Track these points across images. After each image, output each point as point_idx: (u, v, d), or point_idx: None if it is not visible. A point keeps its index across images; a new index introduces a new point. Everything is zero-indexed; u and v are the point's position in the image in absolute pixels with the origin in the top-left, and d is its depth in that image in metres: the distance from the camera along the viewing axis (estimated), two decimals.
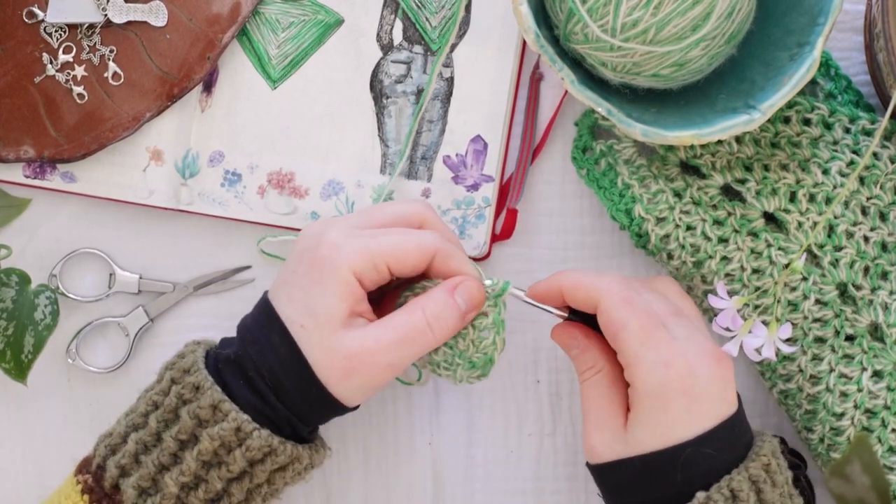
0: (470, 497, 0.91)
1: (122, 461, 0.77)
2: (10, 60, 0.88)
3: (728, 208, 0.86)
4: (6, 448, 0.92)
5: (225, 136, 0.89)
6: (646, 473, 0.77)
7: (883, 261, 0.85)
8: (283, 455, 0.77)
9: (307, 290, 0.77)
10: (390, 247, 0.78)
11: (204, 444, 0.76)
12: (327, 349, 0.77)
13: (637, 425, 0.77)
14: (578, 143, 0.89)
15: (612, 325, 0.77)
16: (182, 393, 0.77)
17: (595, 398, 0.79)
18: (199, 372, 0.77)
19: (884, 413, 0.85)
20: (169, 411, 0.77)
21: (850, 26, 0.90)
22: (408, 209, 0.81)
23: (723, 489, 0.75)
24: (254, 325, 0.79)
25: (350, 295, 0.77)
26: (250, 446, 0.76)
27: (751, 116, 0.80)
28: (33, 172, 0.89)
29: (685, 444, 0.75)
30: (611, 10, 0.79)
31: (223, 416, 0.76)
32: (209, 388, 0.76)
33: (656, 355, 0.76)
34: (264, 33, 0.89)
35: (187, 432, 0.76)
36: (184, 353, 0.81)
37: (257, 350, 0.78)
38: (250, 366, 0.77)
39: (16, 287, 0.87)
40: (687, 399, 0.75)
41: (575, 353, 0.81)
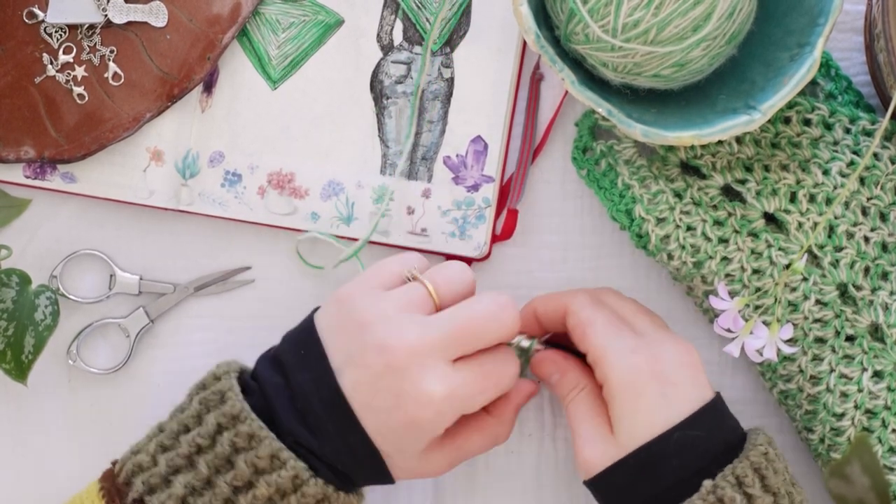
0: (470, 497, 0.91)
1: (168, 503, 0.77)
2: (10, 61, 0.88)
3: (728, 209, 0.86)
4: (6, 448, 0.92)
5: (225, 137, 0.89)
6: (642, 468, 0.77)
7: (883, 261, 0.85)
8: (337, 503, 0.78)
9: (399, 436, 0.76)
10: (486, 401, 0.78)
11: (261, 491, 0.76)
12: (406, 469, 0.79)
13: (620, 421, 0.78)
14: (579, 144, 0.89)
15: (580, 324, 0.80)
16: (235, 441, 0.76)
17: (581, 414, 0.81)
18: (253, 421, 0.76)
19: (884, 413, 0.85)
20: (221, 458, 0.76)
21: (850, 27, 0.90)
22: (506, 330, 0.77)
23: (727, 476, 0.76)
24: (322, 412, 0.76)
25: (437, 437, 0.78)
26: (306, 493, 0.76)
27: (751, 117, 0.80)
28: (33, 173, 0.89)
29: (672, 429, 0.77)
30: (612, 10, 0.79)
31: (281, 464, 0.76)
32: (265, 437, 0.76)
33: (622, 344, 0.79)
34: (264, 34, 0.89)
35: (243, 479, 0.76)
36: (222, 390, 0.78)
37: (332, 448, 0.77)
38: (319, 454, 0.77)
39: (16, 287, 0.87)
40: (659, 383, 0.77)
41: (556, 379, 0.83)
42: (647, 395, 0.77)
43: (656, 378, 0.78)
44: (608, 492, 0.80)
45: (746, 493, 0.76)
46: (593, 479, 0.79)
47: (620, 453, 0.78)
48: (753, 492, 0.76)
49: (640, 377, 0.78)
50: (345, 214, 0.89)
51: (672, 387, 0.78)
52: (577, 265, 0.91)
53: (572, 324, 0.81)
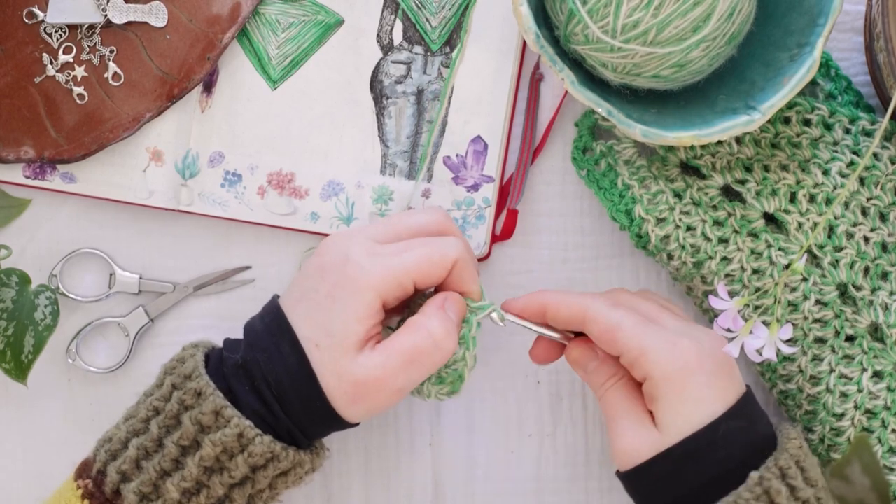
0: (470, 498, 0.91)
1: (124, 466, 0.77)
2: (10, 61, 0.88)
3: (728, 209, 0.86)
4: (6, 448, 0.92)
5: (225, 137, 0.89)
6: (688, 459, 0.77)
7: (883, 261, 0.85)
8: (286, 461, 0.77)
9: (328, 310, 0.77)
10: (415, 264, 0.77)
11: (206, 450, 0.76)
12: (338, 373, 0.77)
13: (665, 413, 0.77)
14: (578, 144, 0.89)
15: (607, 328, 0.79)
16: (184, 399, 0.77)
17: (621, 403, 0.80)
18: (201, 378, 0.77)
19: (884, 414, 0.85)
20: (171, 417, 0.77)
21: (850, 27, 0.90)
22: (428, 220, 0.80)
23: (771, 468, 0.76)
24: (264, 332, 0.78)
25: (371, 318, 0.77)
26: (252, 452, 0.76)
27: (751, 117, 0.80)
28: (33, 173, 0.89)
29: (719, 419, 0.77)
30: (611, 11, 0.79)
31: (225, 422, 0.76)
32: (211, 393, 0.76)
33: (660, 339, 0.78)
34: (264, 34, 0.89)
35: (189, 438, 0.76)
36: (183, 357, 0.80)
37: (266, 358, 0.77)
38: (257, 373, 0.77)
39: (16, 287, 0.87)
40: (703, 374, 0.77)
41: (594, 366, 0.81)
42: (693, 385, 0.77)
43: (700, 369, 0.77)
44: (648, 483, 0.79)
45: (790, 485, 0.76)
46: (634, 469, 0.79)
47: (665, 443, 0.77)
48: (796, 483, 0.76)
49: (686, 369, 0.77)
50: (345, 214, 0.89)
51: (715, 377, 0.77)
52: (577, 265, 0.91)
53: (597, 331, 0.79)
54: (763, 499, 0.75)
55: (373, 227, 0.80)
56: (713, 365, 0.78)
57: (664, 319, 0.80)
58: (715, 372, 0.78)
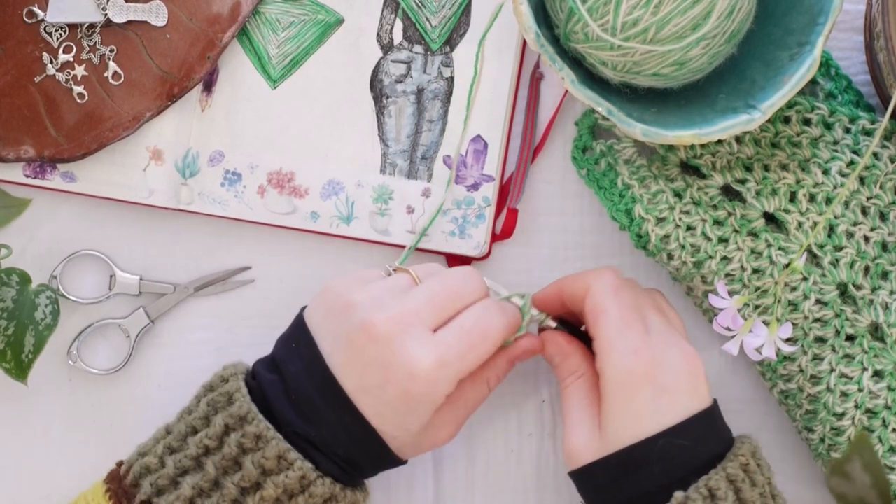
0: (470, 497, 0.91)
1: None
2: (10, 60, 0.88)
3: (728, 208, 0.86)
4: (6, 448, 0.92)
5: (225, 136, 0.89)
6: (623, 469, 0.77)
7: (883, 261, 0.85)
8: (344, 501, 0.78)
9: (403, 415, 0.77)
10: (479, 358, 0.78)
11: (268, 492, 0.76)
12: (412, 445, 0.79)
13: (608, 418, 0.78)
14: (578, 143, 0.89)
15: (595, 308, 0.79)
16: (243, 442, 0.76)
17: (575, 402, 0.81)
18: (259, 422, 0.77)
19: (884, 413, 0.85)
20: (229, 459, 0.77)
21: (850, 26, 0.90)
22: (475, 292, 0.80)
23: (700, 488, 0.75)
24: (322, 404, 0.77)
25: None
26: (313, 493, 0.76)
27: (751, 116, 0.80)
28: (33, 172, 0.89)
29: (658, 435, 0.76)
30: (611, 9, 0.79)
31: (288, 465, 0.76)
32: (272, 437, 0.76)
33: (627, 343, 0.78)
34: (264, 33, 0.89)
35: (251, 481, 0.76)
36: (230, 392, 0.79)
37: (331, 434, 0.77)
38: (319, 442, 0.77)
39: (16, 287, 0.87)
40: (653, 388, 0.77)
41: (557, 361, 0.83)
42: (639, 397, 0.77)
43: (651, 382, 0.77)
44: (587, 486, 0.80)
45: None
46: (576, 471, 0.79)
47: (604, 450, 0.77)
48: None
49: (635, 379, 0.77)
50: (345, 214, 0.89)
51: (666, 393, 0.77)
52: (578, 265, 0.91)
53: (589, 307, 0.80)
54: None
55: (419, 304, 0.78)
56: (668, 380, 0.77)
57: (652, 322, 0.80)
58: (669, 388, 0.77)
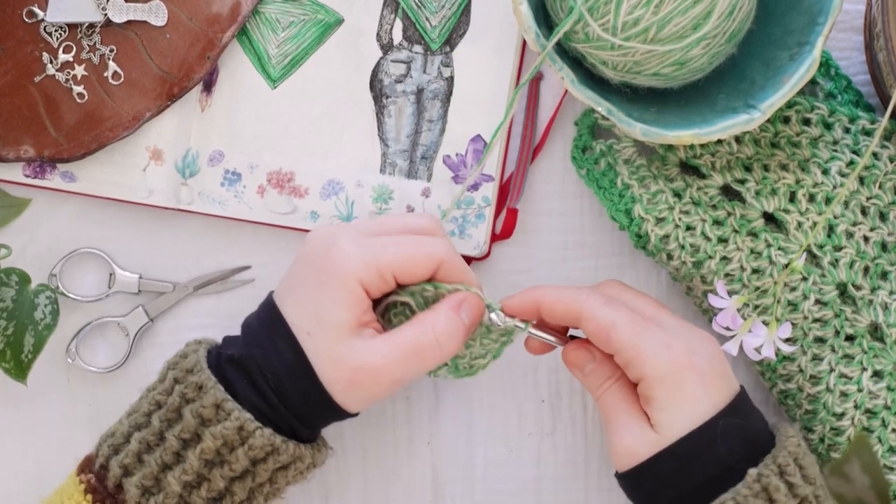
0: (469, 497, 0.91)
1: (126, 461, 0.78)
2: (10, 60, 0.88)
3: (728, 208, 0.86)
4: (6, 448, 0.92)
5: (225, 136, 0.89)
6: (689, 457, 0.77)
7: (883, 261, 0.85)
8: (286, 454, 0.78)
9: (315, 298, 0.77)
10: (398, 257, 0.78)
11: (207, 443, 0.76)
12: (334, 359, 0.77)
13: (662, 413, 0.77)
14: (578, 143, 0.89)
15: (602, 326, 0.78)
16: (185, 392, 0.77)
17: (618, 404, 0.80)
18: (202, 371, 0.78)
19: (884, 413, 0.85)
20: (172, 410, 0.77)
21: (850, 26, 0.90)
22: (417, 222, 0.81)
23: (769, 465, 0.76)
24: (259, 327, 0.79)
25: (357, 305, 0.77)
26: (253, 445, 0.76)
27: (751, 116, 0.80)
28: (33, 172, 0.89)
29: (716, 416, 0.77)
30: (611, 8, 0.79)
31: (226, 415, 0.76)
32: (212, 387, 0.77)
33: (654, 340, 0.78)
34: (264, 33, 0.89)
35: (190, 431, 0.76)
36: (186, 352, 0.81)
37: (262, 353, 0.78)
38: (254, 367, 0.78)
39: (16, 287, 0.87)
40: (697, 374, 0.77)
41: (590, 369, 0.81)
42: (689, 386, 0.77)
43: (694, 370, 0.77)
44: (647, 483, 0.79)
45: (788, 482, 0.76)
46: (633, 469, 0.79)
47: (664, 442, 0.77)
48: (795, 480, 0.76)
49: (681, 371, 0.77)
50: (344, 213, 0.89)
51: (709, 377, 0.78)
52: (577, 265, 0.91)
53: (592, 329, 0.79)
54: (762, 496, 0.75)
55: (362, 222, 0.81)
56: (707, 365, 0.78)
57: (660, 317, 0.80)
58: (708, 371, 0.78)
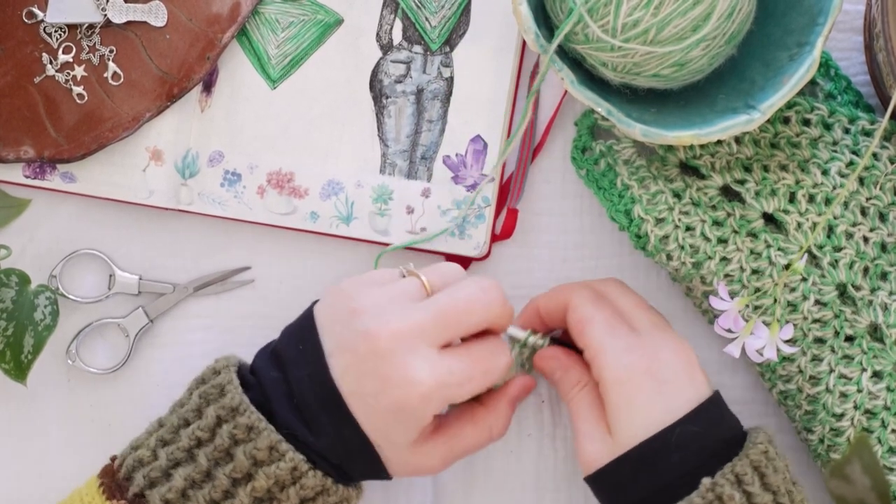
0: (469, 497, 0.91)
1: (169, 496, 0.77)
2: (9, 60, 0.88)
3: (727, 209, 0.86)
4: (6, 449, 0.91)
5: (224, 136, 0.89)
6: (642, 464, 0.77)
7: (882, 261, 0.85)
8: (335, 495, 0.78)
9: (390, 425, 0.76)
10: (475, 391, 0.78)
11: (259, 482, 0.76)
12: (400, 463, 0.79)
13: (616, 418, 0.78)
14: (578, 144, 0.89)
15: (580, 321, 0.80)
16: (234, 433, 0.76)
17: (584, 410, 0.81)
18: (251, 413, 0.77)
19: (884, 414, 0.85)
20: (221, 450, 0.77)
21: (849, 26, 0.90)
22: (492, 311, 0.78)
23: (727, 474, 0.76)
24: (318, 408, 0.77)
25: (428, 426, 0.78)
26: (304, 485, 0.76)
27: (750, 116, 0.80)
28: (33, 172, 0.89)
29: (672, 425, 0.77)
30: (611, 10, 0.79)
31: (280, 455, 0.76)
32: (264, 429, 0.76)
33: (619, 343, 0.79)
34: (264, 33, 0.89)
35: (242, 471, 0.76)
36: (222, 384, 0.79)
37: (329, 446, 0.77)
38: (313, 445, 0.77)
39: (15, 287, 0.87)
40: (654, 381, 0.78)
41: (558, 376, 0.83)
42: (643, 393, 0.78)
43: (651, 376, 0.78)
44: (608, 488, 0.80)
45: (746, 491, 0.76)
46: (593, 475, 0.80)
47: (619, 450, 0.78)
48: (753, 490, 0.76)
49: (634, 376, 0.78)
50: (344, 214, 0.89)
51: (667, 385, 0.78)
52: (577, 265, 0.91)
53: (573, 320, 0.81)
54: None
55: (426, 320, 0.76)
56: (669, 372, 0.78)
57: (639, 322, 0.81)
58: (669, 379, 0.78)
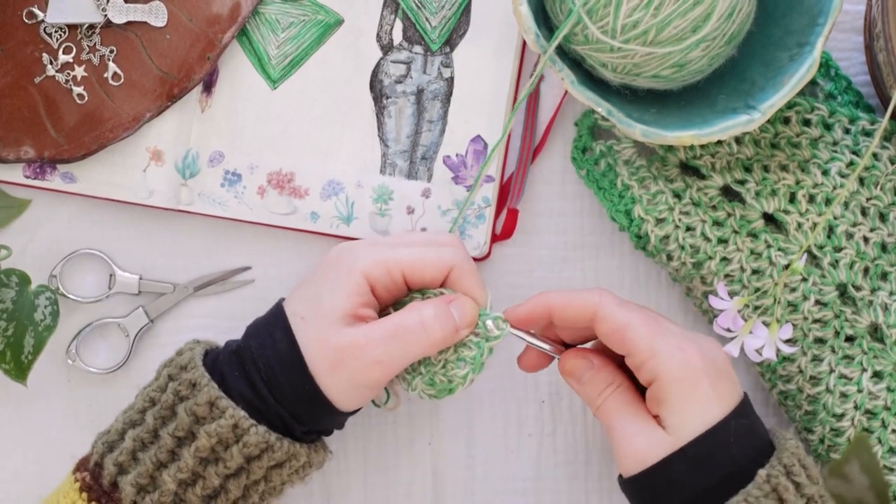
0: (470, 497, 0.91)
1: (120, 458, 0.78)
2: (10, 61, 0.88)
3: (728, 209, 0.86)
4: (6, 448, 0.92)
5: (225, 137, 0.89)
6: (702, 458, 0.77)
7: (882, 261, 0.85)
8: (280, 451, 0.78)
9: (317, 287, 0.79)
10: (407, 257, 0.79)
11: (201, 441, 0.76)
12: (321, 340, 0.77)
13: (675, 414, 0.78)
14: (578, 144, 0.89)
15: (618, 327, 0.78)
16: (179, 390, 0.77)
17: (622, 409, 0.80)
18: (196, 369, 0.78)
19: (884, 414, 0.85)
20: (166, 408, 0.78)
21: (850, 27, 0.90)
22: (438, 237, 0.83)
23: (776, 466, 0.76)
24: (261, 322, 0.81)
25: (357, 294, 0.78)
26: (247, 442, 0.76)
27: (750, 117, 0.80)
28: (33, 173, 0.89)
29: (727, 417, 0.77)
30: (611, 11, 0.79)
31: (220, 412, 0.76)
32: (206, 384, 0.77)
33: (669, 342, 0.78)
34: (264, 33, 0.89)
35: (185, 429, 0.77)
36: (182, 350, 0.82)
37: (258, 344, 0.79)
38: (248, 358, 0.78)
39: (16, 288, 0.87)
40: (709, 377, 0.78)
41: (589, 377, 0.81)
42: (701, 389, 0.77)
43: (706, 373, 0.78)
44: (658, 485, 0.79)
45: (794, 482, 0.77)
46: (642, 472, 0.78)
47: (676, 444, 0.77)
48: (801, 480, 0.77)
49: (693, 372, 0.78)
50: (345, 214, 0.89)
51: (719, 380, 0.78)
52: (577, 265, 0.91)
53: (608, 329, 0.79)
54: (772, 496, 0.76)
55: (383, 237, 0.83)
56: (716, 368, 0.79)
57: (666, 323, 0.81)
58: (718, 375, 0.78)
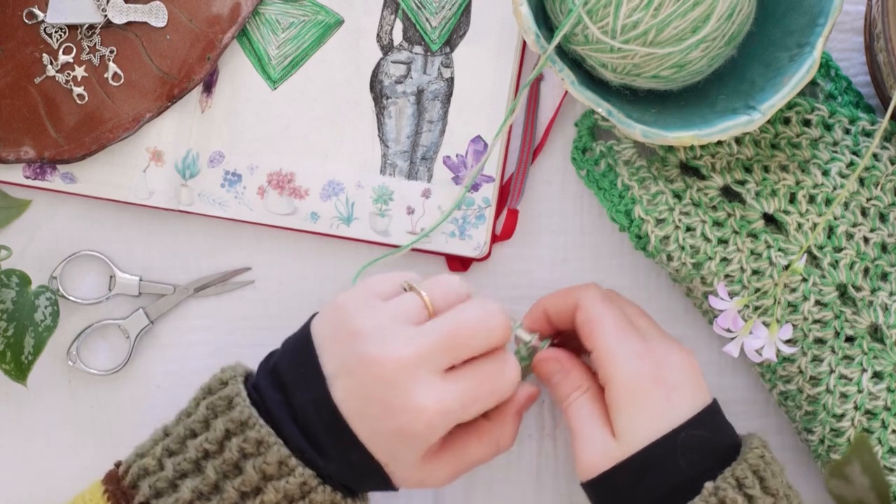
0: (470, 497, 0.91)
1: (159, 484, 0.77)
2: (10, 61, 0.88)
3: (728, 210, 0.86)
4: (6, 449, 0.92)
5: (225, 137, 0.89)
6: (647, 469, 0.77)
7: (883, 262, 0.85)
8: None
9: (395, 447, 0.76)
10: (482, 410, 0.77)
11: (269, 496, 0.76)
12: (407, 479, 0.78)
13: (624, 422, 0.78)
14: (578, 144, 0.89)
15: (591, 320, 0.80)
16: (244, 447, 0.76)
17: (584, 416, 0.80)
18: (261, 427, 0.76)
19: (884, 414, 0.85)
20: (230, 464, 0.77)
21: (850, 27, 0.90)
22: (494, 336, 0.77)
23: (728, 478, 0.76)
24: (322, 430, 0.77)
25: (433, 446, 0.78)
26: (313, 500, 0.76)
27: (751, 117, 0.80)
28: (33, 173, 0.89)
29: (678, 428, 0.77)
30: (611, 11, 0.79)
31: (289, 470, 0.76)
32: (274, 443, 0.76)
33: (629, 348, 0.79)
34: (264, 34, 0.89)
35: (251, 485, 0.76)
36: (229, 396, 0.78)
37: (337, 469, 0.77)
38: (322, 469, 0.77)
39: (16, 288, 0.87)
40: (663, 388, 0.78)
41: (557, 379, 0.82)
42: (652, 398, 0.78)
43: (660, 383, 0.78)
44: (608, 494, 0.80)
45: (747, 495, 0.76)
46: (594, 480, 0.79)
47: (624, 454, 0.78)
48: (754, 493, 0.76)
49: (645, 382, 0.78)
50: (345, 214, 0.89)
51: (675, 391, 0.78)
52: (577, 265, 0.91)
53: (582, 319, 0.81)
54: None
55: (430, 346, 0.76)
56: (676, 379, 0.78)
57: (644, 327, 0.81)
58: (677, 386, 0.78)
